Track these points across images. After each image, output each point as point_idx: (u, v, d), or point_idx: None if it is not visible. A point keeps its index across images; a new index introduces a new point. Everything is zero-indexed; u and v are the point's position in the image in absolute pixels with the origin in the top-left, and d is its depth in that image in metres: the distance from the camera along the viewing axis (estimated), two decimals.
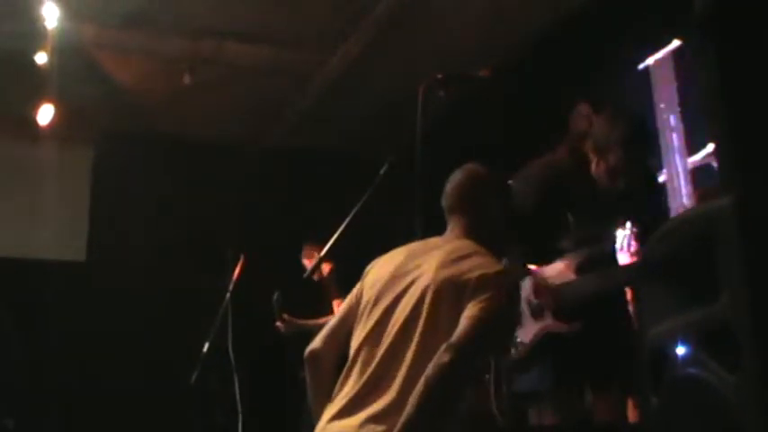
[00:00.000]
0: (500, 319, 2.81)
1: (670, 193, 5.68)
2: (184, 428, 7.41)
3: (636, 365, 3.34)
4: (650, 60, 6.07)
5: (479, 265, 2.86)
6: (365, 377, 2.79)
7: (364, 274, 3.18)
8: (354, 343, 2.94)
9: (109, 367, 7.91)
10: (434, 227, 3.53)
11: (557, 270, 3.77)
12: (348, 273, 6.55)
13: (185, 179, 8.75)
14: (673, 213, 5.16)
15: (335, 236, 4.61)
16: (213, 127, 8.75)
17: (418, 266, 2.95)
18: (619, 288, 3.76)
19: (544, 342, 3.74)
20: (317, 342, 3.07)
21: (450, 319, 2.73)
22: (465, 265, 2.86)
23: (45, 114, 7.47)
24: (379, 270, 3.10)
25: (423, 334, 2.76)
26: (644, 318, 2.21)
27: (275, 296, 6.78)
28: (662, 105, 5.91)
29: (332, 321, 3.13)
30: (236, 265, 6.82)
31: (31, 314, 7.94)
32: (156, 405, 7.71)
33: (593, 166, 3.78)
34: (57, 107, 7.43)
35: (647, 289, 2.25)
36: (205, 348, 6.55)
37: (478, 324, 2.68)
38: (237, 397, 6.56)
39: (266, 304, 6.97)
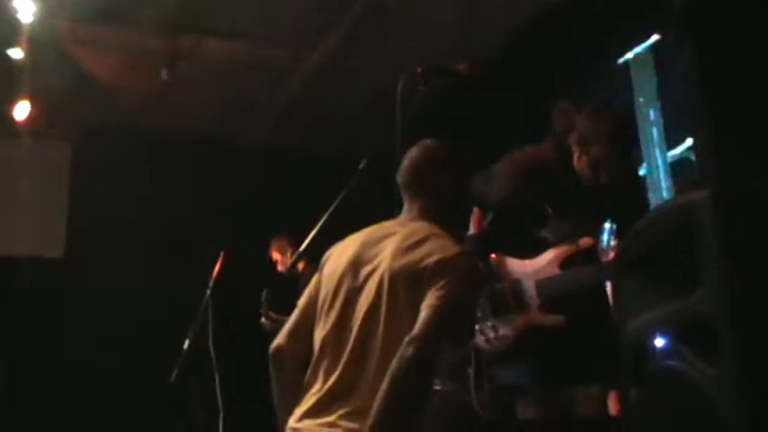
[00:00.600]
0: (460, 304, 2.78)
1: (650, 186, 5.69)
2: (165, 427, 7.38)
3: (616, 359, 3.35)
4: (630, 55, 6.08)
5: (436, 248, 2.80)
6: (335, 375, 2.76)
7: (321, 265, 3.14)
8: (318, 338, 2.90)
9: (87, 365, 7.86)
10: None
11: (541, 263, 3.77)
12: None
13: (164, 176, 8.70)
14: (652, 207, 5.17)
15: (314, 232, 4.60)
16: (192, 123, 8.71)
17: (375, 256, 2.90)
18: (602, 283, 3.77)
19: (528, 335, 3.74)
20: (280, 338, 3.04)
21: (413, 308, 2.70)
22: (422, 250, 2.81)
23: (21, 111, 7.43)
24: (335, 261, 3.04)
25: (386, 327, 2.73)
26: (623, 311, 2.21)
27: (264, 293, 6.75)
28: (641, 99, 5.93)
29: (293, 317, 3.08)
30: (216, 263, 6.80)
31: (7, 311, 7.89)
32: (136, 403, 7.67)
33: (576, 159, 3.78)
34: (33, 103, 7.40)
35: (625, 282, 2.25)
36: (185, 346, 6.52)
37: (438, 312, 2.64)
38: (218, 395, 6.54)
39: (246, 302, 6.95)
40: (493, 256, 3.92)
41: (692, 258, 1.81)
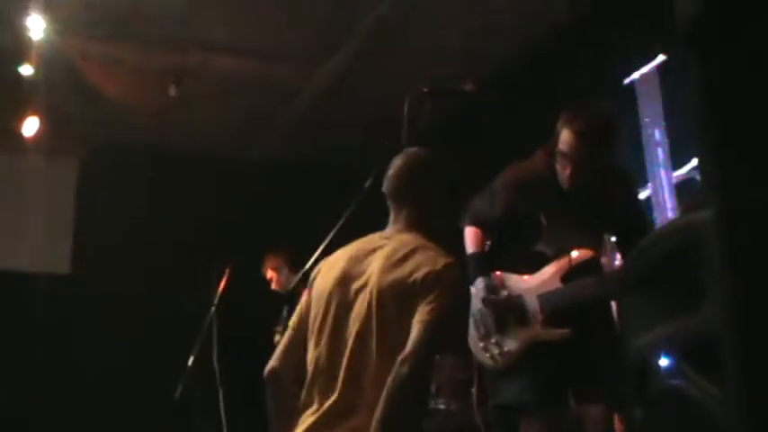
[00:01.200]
0: (450, 316, 2.77)
1: (655, 206, 5.70)
2: None
3: (620, 378, 3.35)
4: (636, 75, 6.09)
5: (424, 261, 2.78)
6: (333, 396, 2.74)
7: (310, 283, 3.10)
8: (311, 359, 2.87)
9: (93, 380, 7.86)
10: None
11: (543, 278, 3.78)
12: None
13: (171, 192, 8.72)
14: (657, 226, 5.17)
15: (319, 251, 4.61)
16: (199, 140, 8.74)
17: (363, 271, 2.88)
18: (605, 296, 3.78)
19: (531, 351, 3.74)
20: (274, 360, 3.00)
21: (404, 323, 2.69)
22: (410, 264, 2.79)
23: (30, 126, 7.46)
24: (324, 278, 3.01)
25: (379, 345, 2.72)
26: (626, 330, 2.21)
27: (285, 309, 6.72)
28: (647, 120, 5.94)
29: (285, 337, 3.05)
30: (221, 279, 6.80)
31: (14, 327, 7.90)
32: (140, 418, 7.67)
33: (558, 165, 3.79)
34: (42, 119, 7.42)
35: (629, 301, 2.25)
36: (190, 362, 6.53)
37: (429, 327, 2.63)
38: (222, 410, 6.53)
39: (252, 318, 6.95)
40: (497, 273, 3.93)
41: (697, 277, 1.82)
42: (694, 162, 5.26)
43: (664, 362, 1.99)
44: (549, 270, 3.76)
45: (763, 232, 1.65)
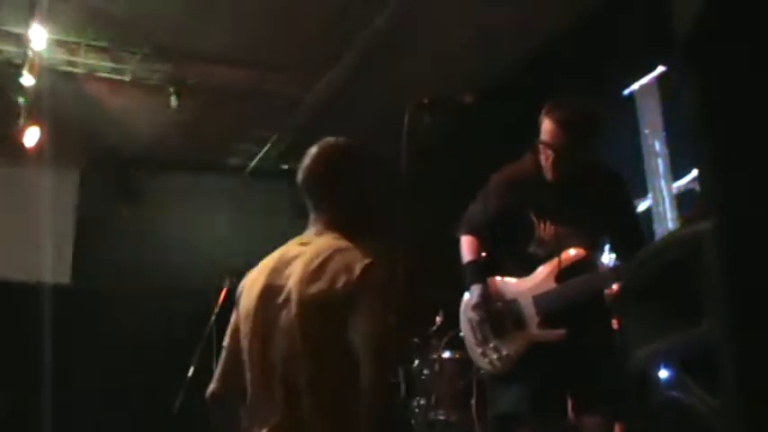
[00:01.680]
0: (385, 317, 2.58)
1: (655, 217, 5.70)
2: None
3: (620, 388, 3.35)
4: (635, 86, 6.11)
5: (342, 268, 2.60)
6: (274, 418, 2.60)
7: (237, 299, 2.93)
8: (248, 380, 2.72)
9: (93, 391, 7.86)
10: (421, 251, 3.53)
11: (536, 280, 3.79)
12: None
13: (170, 201, 8.73)
14: (658, 237, 5.18)
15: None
16: (199, 150, 8.75)
17: (284, 285, 2.70)
18: (599, 293, 3.79)
19: (529, 357, 3.74)
20: (213, 383, 2.85)
21: (334, 337, 2.56)
22: (328, 272, 2.60)
23: (31, 137, 7.46)
24: (248, 295, 2.83)
25: (309, 362, 2.57)
26: (627, 341, 2.22)
27: None
28: (647, 131, 5.95)
29: (222, 358, 2.87)
30: (221, 289, 6.80)
31: (13, 336, 7.90)
32: (140, 429, 7.66)
33: (541, 157, 3.81)
34: (43, 130, 7.43)
35: (629, 312, 2.25)
36: (190, 373, 6.52)
37: (372, 342, 2.50)
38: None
39: None
40: (497, 278, 3.93)
41: (696, 289, 1.82)
42: (694, 173, 5.27)
43: (663, 373, 1.99)
44: (542, 271, 3.77)
45: (762, 245, 1.66)
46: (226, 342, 2.86)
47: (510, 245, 3.93)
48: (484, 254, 4.03)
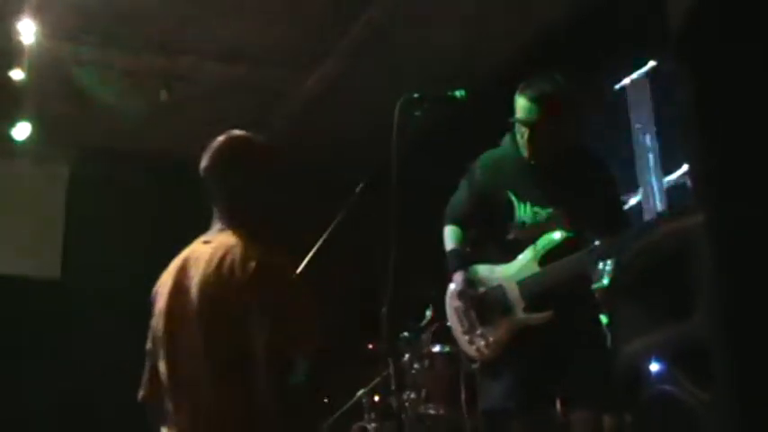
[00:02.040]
0: (289, 314, 2.55)
1: (645, 212, 5.71)
2: None
3: (608, 381, 3.36)
4: (626, 81, 6.11)
5: (236, 267, 2.56)
6: (185, 419, 2.61)
7: (152, 302, 2.89)
8: (164, 384, 2.70)
9: (84, 385, 7.84)
10: (411, 245, 3.53)
11: (519, 265, 3.78)
12: (316, 290, 6.54)
13: (161, 196, 8.71)
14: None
15: (309, 255, 4.61)
16: (190, 145, 8.71)
17: (188, 287, 2.67)
18: (584, 274, 3.80)
19: (517, 339, 3.74)
20: (142, 387, 2.83)
21: (234, 337, 2.53)
22: (225, 272, 2.57)
23: (21, 131, 7.44)
24: (159, 297, 2.81)
25: (213, 367, 2.55)
26: (618, 336, 2.22)
27: None
28: (638, 125, 5.95)
29: (147, 363, 2.83)
30: None
31: (4, 331, 7.88)
32: (132, 422, 7.64)
33: (518, 136, 3.82)
34: (32, 124, 7.41)
35: (620, 307, 2.26)
36: None
37: (272, 345, 2.48)
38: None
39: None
40: (480, 266, 3.93)
41: (687, 284, 1.83)
42: (685, 168, 5.28)
43: (654, 367, 2.00)
44: (525, 255, 3.77)
45: (753, 239, 1.66)
46: (147, 345, 2.82)
47: (493, 230, 3.92)
48: (467, 243, 4.04)
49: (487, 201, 3.92)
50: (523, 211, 3.81)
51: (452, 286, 3.96)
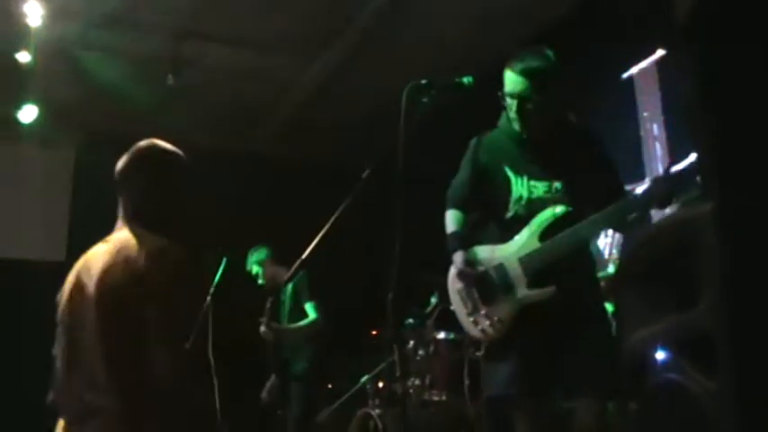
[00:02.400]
0: (181, 311, 2.65)
1: None
2: None
3: (613, 367, 3.35)
4: (634, 70, 6.10)
5: (130, 263, 2.64)
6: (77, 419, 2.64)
7: (57, 303, 2.93)
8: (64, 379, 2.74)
9: None
10: (416, 232, 3.53)
11: (520, 242, 3.78)
12: (321, 277, 6.56)
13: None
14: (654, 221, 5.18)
15: (317, 239, 4.61)
16: (196, 130, 8.73)
17: (86, 284, 2.73)
18: (585, 246, 3.80)
19: (521, 318, 3.73)
20: (50, 393, 2.86)
21: (127, 332, 2.57)
22: (120, 268, 2.65)
23: (27, 114, 7.45)
24: (62, 299, 2.86)
25: (109, 363, 2.57)
26: (624, 324, 2.22)
27: (269, 302, 6.71)
28: (645, 114, 5.94)
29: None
30: (216, 269, 6.79)
31: (7, 313, 7.90)
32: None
33: (507, 110, 3.85)
34: (39, 107, 7.41)
35: (626, 295, 2.25)
36: None
37: (166, 338, 2.55)
38: (216, 401, 6.52)
39: (247, 309, 6.95)
40: (481, 247, 3.93)
41: (694, 272, 1.82)
42: (692, 157, 5.27)
43: (660, 355, 1.99)
44: (525, 232, 3.77)
45: (761, 234, 1.66)
46: (54, 350, 2.86)
47: (494, 209, 3.93)
48: (467, 226, 4.04)
49: (486, 178, 3.92)
50: (520, 185, 3.82)
51: (453, 269, 3.96)
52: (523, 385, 3.68)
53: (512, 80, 3.77)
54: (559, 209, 3.74)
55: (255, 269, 7.03)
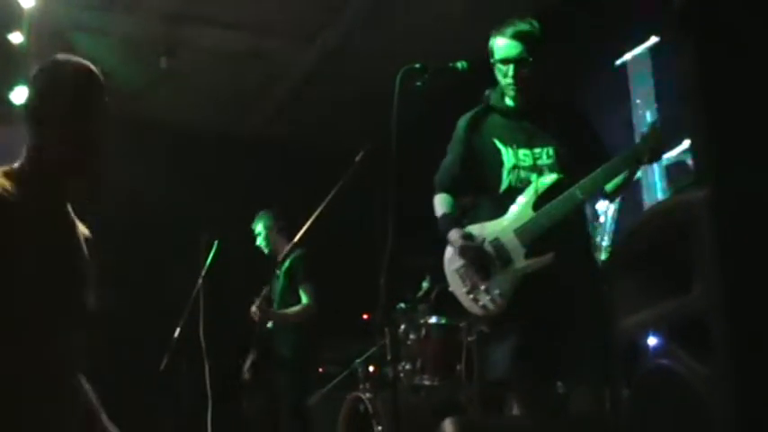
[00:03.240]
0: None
1: (645, 188, 5.71)
2: (153, 414, 7.39)
3: (608, 352, 3.37)
4: (627, 56, 6.09)
5: None
6: None
7: None
8: None
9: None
10: (409, 216, 3.53)
11: (514, 214, 3.80)
12: (317, 258, 6.56)
13: (160, 164, 8.70)
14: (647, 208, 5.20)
15: (309, 223, 4.61)
16: (190, 113, 8.71)
17: None
18: (575, 209, 3.82)
19: (521, 290, 3.74)
20: None
21: None
22: None
23: (20, 95, 7.42)
24: None
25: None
26: (617, 309, 2.23)
27: (265, 289, 6.69)
28: (638, 101, 5.94)
29: None
30: (209, 251, 6.79)
31: None
32: (125, 390, 7.67)
33: (500, 78, 3.90)
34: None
35: (619, 281, 2.26)
36: (176, 333, 6.52)
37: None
38: (208, 383, 6.53)
39: (238, 291, 6.94)
40: (474, 225, 3.94)
41: (687, 258, 1.83)
42: (685, 144, 5.27)
43: (652, 341, 2.00)
44: (519, 203, 3.78)
45: (755, 219, 1.67)
46: None
47: (486, 186, 3.94)
48: (457, 209, 4.06)
49: (477, 155, 3.95)
50: (512, 155, 3.84)
51: (449, 249, 3.96)
52: (523, 368, 3.70)
53: (505, 45, 3.82)
54: (551, 177, 3.76)
55: (262, 235, 6.99)
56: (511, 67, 3.80)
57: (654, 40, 5.84)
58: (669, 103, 5.60)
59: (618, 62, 6.16)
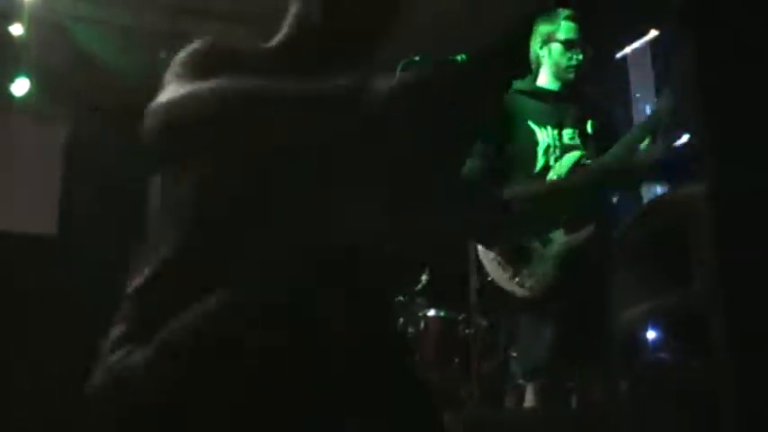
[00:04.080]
0: None
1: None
2: None
3: (609, 350, 3.37)
4: (627, 50, 6.09)
5: None
6: None
7: None
8: None
9: (77, 343, 7.86)
10: None
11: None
12: None
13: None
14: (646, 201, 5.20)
15: None
16: None
17: None
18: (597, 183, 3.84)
19: (564, 269, 3.74)
20: None
21: None
22: None
23: (20, 87, 7.42)
24: None
25: None
26: (616, 302, 2.23)
27: None
28: (638, 95, 5.94)
29: None
30: None
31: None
32: None
33: (559, 58, 4.11)
34: (31, 80, 7.38)
35: (620, 273, 2.27)
36: None
37: None
38: None
39: None
40: None
41: (686, 252, 1.84)
42: (684, 138, 5.28)
43: (651, 335, 2.01)
44: (550, 180, 3.79)
45: (754, 214, 1.67)
46: None
47: (520, 168, 3.93)
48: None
49: (510, 134, 3.94)
50: (546, 135, 3.85)
51: None
52: (560, 364, 3.70)
53: (573, 28, 3.87)
54: (579, 152, 3.78)
55: None
56: (578, 50, 3.86)
57: (654, 33, 5.84)
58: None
59: (617, 55, 6.16)
